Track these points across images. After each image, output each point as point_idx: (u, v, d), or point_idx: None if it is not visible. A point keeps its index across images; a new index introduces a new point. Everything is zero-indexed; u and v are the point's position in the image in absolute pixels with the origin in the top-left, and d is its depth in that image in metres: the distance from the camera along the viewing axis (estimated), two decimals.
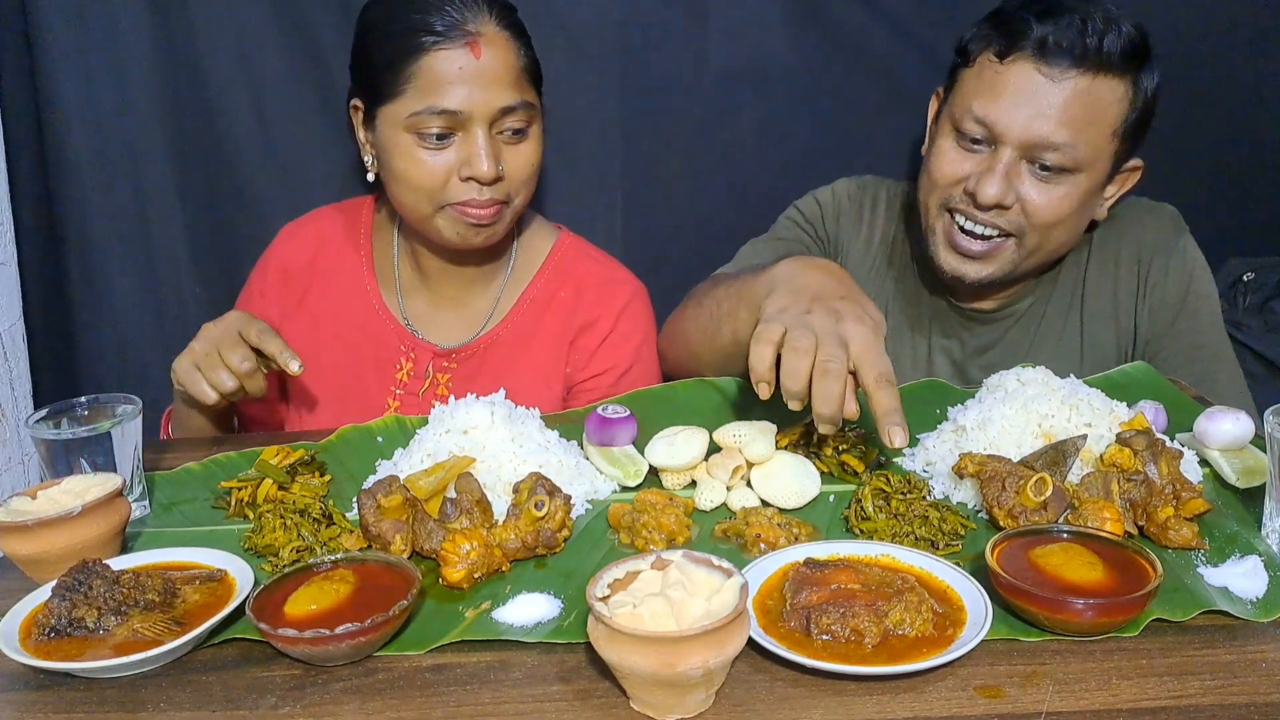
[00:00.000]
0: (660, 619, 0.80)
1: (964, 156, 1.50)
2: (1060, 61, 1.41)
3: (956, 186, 1.51)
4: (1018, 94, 1.44)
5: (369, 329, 1.63)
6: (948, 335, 1.68)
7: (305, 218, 1.71)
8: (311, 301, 1.64)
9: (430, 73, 1.39)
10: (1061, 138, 1.42)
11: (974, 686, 0.85)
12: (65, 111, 1.78)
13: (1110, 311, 1.63)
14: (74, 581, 0.93)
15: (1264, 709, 0.81)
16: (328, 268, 1.66)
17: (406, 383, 1.61)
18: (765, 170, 1.92)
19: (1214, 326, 1.63)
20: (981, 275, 1.53)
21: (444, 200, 1.45)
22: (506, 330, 1.62)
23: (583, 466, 1.22)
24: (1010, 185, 1.46)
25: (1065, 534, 1.00)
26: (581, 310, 1.62)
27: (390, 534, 1.03)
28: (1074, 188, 1.46)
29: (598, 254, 1.69)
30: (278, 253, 1.68)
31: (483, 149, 1.41)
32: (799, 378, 1.08)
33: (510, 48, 1.44)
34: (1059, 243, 1.53)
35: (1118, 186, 1.56)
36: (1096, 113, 1.43)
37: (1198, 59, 1.91)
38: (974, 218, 1.50)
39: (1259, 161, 1.99)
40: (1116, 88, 1.44)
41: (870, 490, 1.11)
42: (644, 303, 1.67)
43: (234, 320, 1.40)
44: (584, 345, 1.62)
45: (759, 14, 1.84)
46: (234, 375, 1.36)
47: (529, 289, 1.63)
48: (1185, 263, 1.61)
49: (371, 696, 0.86)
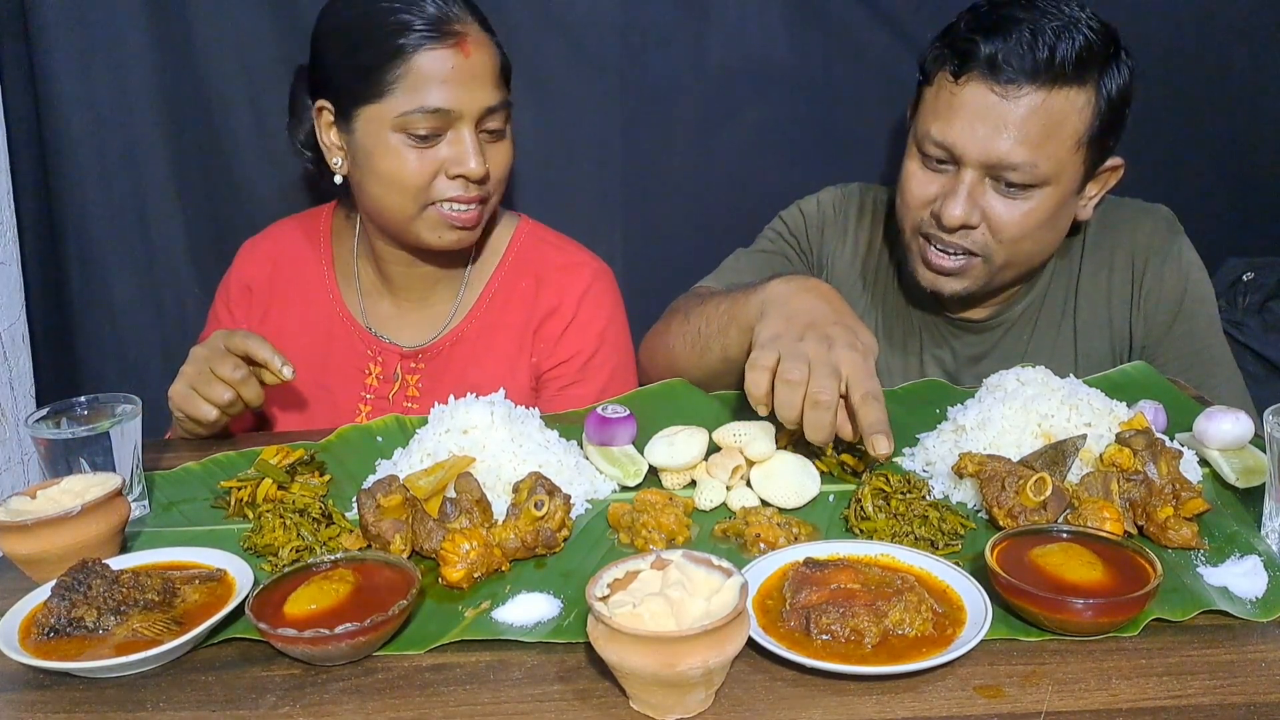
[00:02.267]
0: (660, 619, 0.80)
1: (930, 178, 1.49)
2: (1013, 79, 1.39)
3: (925, 209, 1.50)
4: (973, 115, 1.41)
5: (335, 337, 1.62)
6: (939, 344, 1.67)
7: (263, 233, 1.71)
8: (275, 315, 1.64)
9: (419, 72, 1.39)
10: (1020, 156, 1.40)
11: (974, 686, 0.85)
12: (65, 112, 1.78)
13: (1104, 317, 1.62)
14: (73, 581, 0.93)
15: (1264, 709, 0.81)
16: (290, 280, 1.65)
17: (376, 387, 1.60)
18: (765, 170, 1.92)
19: (1210, 329, 1.62)
20: (957, 289, 1.52)
21: (430, 198, 1.45)
22: (470, 326, 1.61)
23: (582, 466, 1.22)
24: (975, 205, 1.45)
25: (1065, 534, 1.00)
26: (543, 298, 1.61)
27: (390, 534, 1.03)
28: (1040, 201, 1.44)
29: (556, 238, 1.68)
30: (238, 271, 1.68)
31: (471, 147, 1.42)
32: (793, 408, 1.13)
33: (491, 47, 1.45)
34: (1029, 254, 1.51)
35: (1099, 185, 1.54)
36: (1055, 126, 1.40)
37: (1197, 59, 1.91)
38: (941, 241, 1.49)
39: (1259, 161, 1.99)
40: (1076, 98, 1.41)
41: (870, 490, 1.11)
42: (607, 283, 1.65)
43: (218, 336, 1.40)
44: (548, 333, 1.61)
45: (759, 14, 1.84)
46: (229, 386, 1.36)
47: (490, 282, 1.63)
48: (1180, 266, 1.59)
49: (371, 696, 0.86)
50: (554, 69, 1.84)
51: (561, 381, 1.61)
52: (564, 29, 1.82)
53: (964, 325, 1.65)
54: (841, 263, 1.71)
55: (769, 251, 1.71)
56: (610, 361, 1.62)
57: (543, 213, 1.76)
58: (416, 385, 1.60)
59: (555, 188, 1.91)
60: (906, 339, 1.68)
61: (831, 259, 1.72)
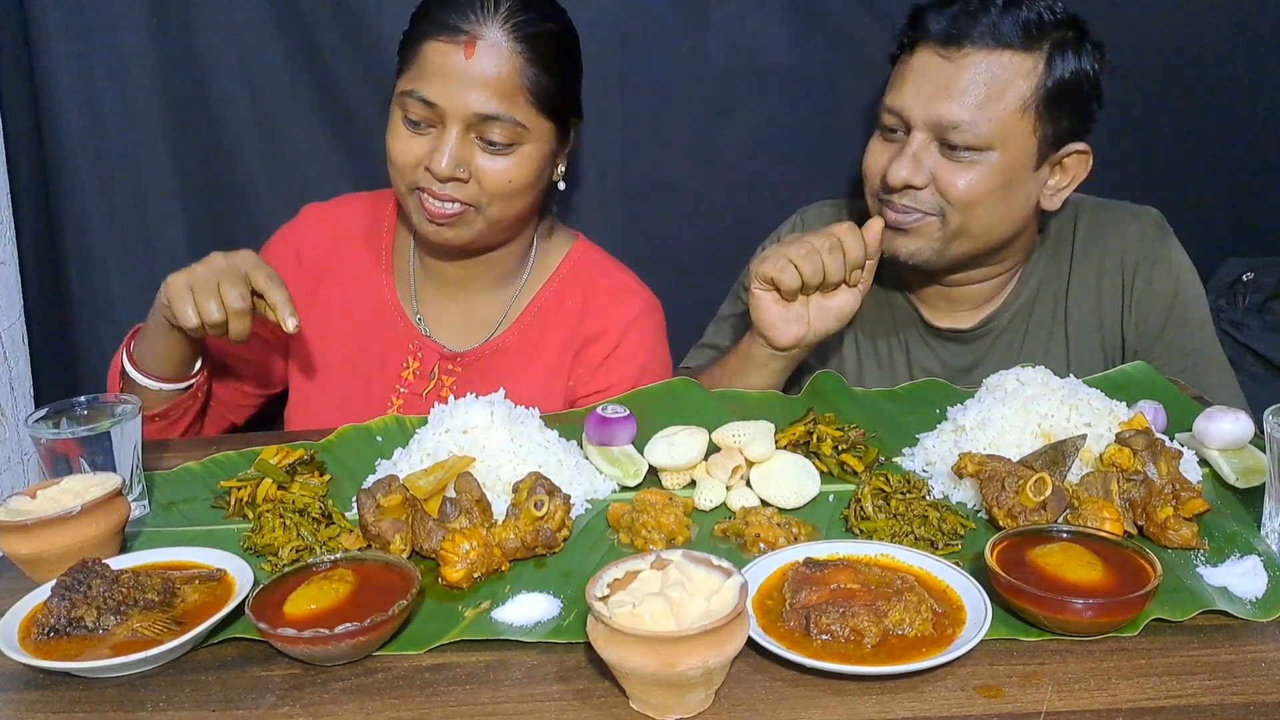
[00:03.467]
0: (660, 619, 0.80)
1: (884, 147, 1.53)
2: (957, 40, 1.44)
3: (878, 176, 1.53)
4: (920, 78, 1.46)
5: (380, 325, 1.61)
6: (927, 357, 1.66)
7: (332, 202, 1.69)
8: (325, 292, 1.62)
9: (425, 59, 1.41)
10: (962, 115, 1.43)
11: (973, 686, 0.85)
12: (65, 112, 1.78)
13: (1095, 322, 1.61)
14: (73, 581, 0.93)
15: (1264, 709, 0.81)
16: (345, 258, 1.64)
17: (411, 382, 1.60)
18: (765, 170, 1.92)
19: (1203, 329, 1.61)
20: (911, 251, 1.52)
21: (412, 182, 1.45)
22: (514, 337, 1.61)
23: (582, 466, 1.22)
24: (919, 165, 1.47)
25: (1065, 534, 1.00)
26: (588, 320, 1.60)
27: (390, 534, 1.03)
28: (988, 166, 1.45)
29: (611, 264, 1.66)
30: (297, 233, 1.66)
31: (447, 147, 1.41)
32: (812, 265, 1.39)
33: (512, 61, 1.41)
34: (986, 224, 1.50)
35: (1068, 175, 1.53)
36: (998, 88, 1.43)
37: (1197, 59, 1.90)
38: (891, 205, 1.51)
39: (1258, 161, 1.99)
40: (1021, 62, 1.43)
41: (870, 490, 1.11)
42: (655, 317, 1.63)
43: (244, 258, 1.37)
44: (589, 358, 1.59)
45: (759, 14, 1.84)
46: (224, 309, 1.32)
47: (538, 297, 1.62)
48: (1170, 268, 1.59)
49: (371, 696, 0.86)
50: None
51: None
52: None
53: (951, 336, 1.64)
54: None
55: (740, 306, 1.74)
56: None
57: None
58: (451, 387, 1.59)
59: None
60: (893, 352, 1.67)
61: None
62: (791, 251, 1.41)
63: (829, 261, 1.40)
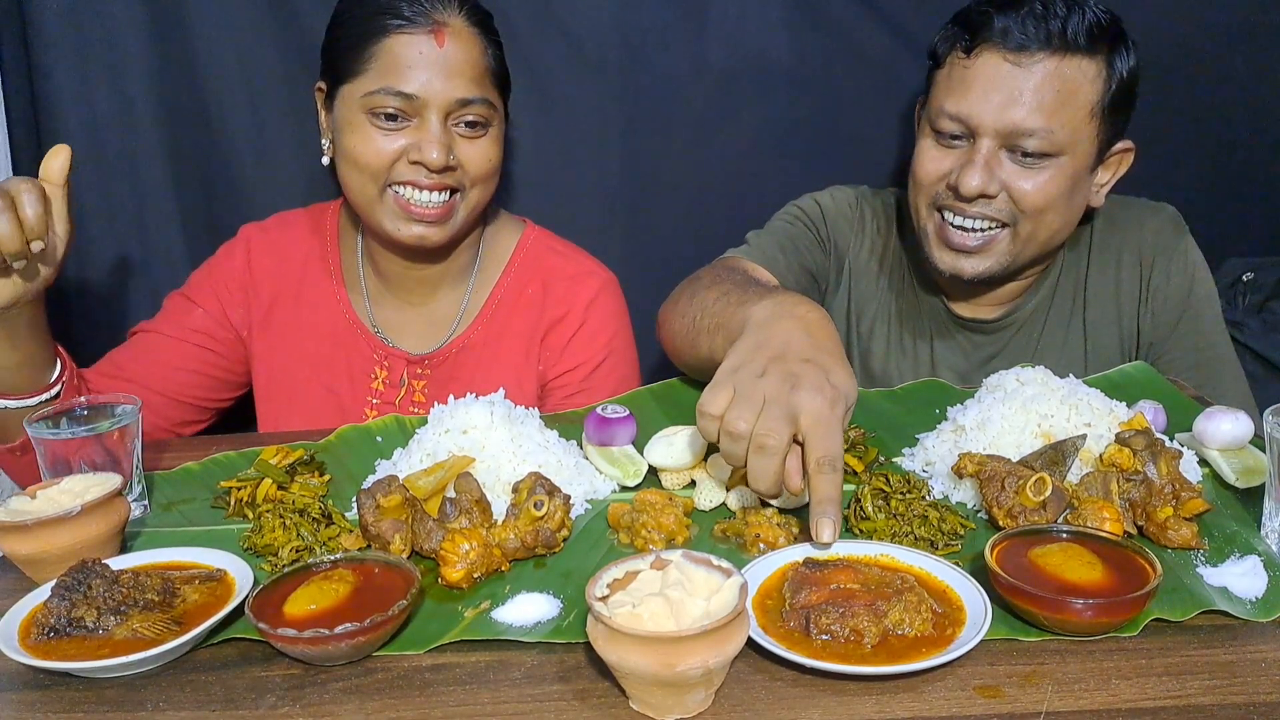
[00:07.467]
0: (659, 619, 0.80)
1: (944, 154, 1.51)
2: (1026, 46, 1.42)
3: (940, 183, 1.51)
4: (987, 84, 1.44)
5: (342, 339, 1.61)
6: (950, 347, 1.67)
7: (271, 221, 1.68)
8: (281, 313, 1.62)
9: (391, 54, 1.40)
10: (1037, 122, 1.42)
11: (973, 686, 0.85)
12: (63, 112, 1.78)
13: (1113, 315, 1.63)
14: (73, 581, 0.93)
15: (1264, 709, 0.81)
16: (296, 277, 1.63)
17: (383, 391, 1.60)
18: (765, 170, 1.92)
19: (1216, 327, 1.63)
20: (979, 270, 1.52)
21: (390, 179, 1.44)
22: (477, 333, 1.61)
23: (582, 466, 1.22)
24: (992, 174, 1.46)
25: (1065, 534, 1.00)
26: (550, 306, 1.61)
27: (389, 534, 1.03)
28: (1059, 171, 1.45)
29: (563, 246, 1.67)
30: (239, 254, 1.63)
31: (434, 136, 1.41)
32: (735, 459, 1.03)
33: (476, 44, 1.45)
34: (1053, 229, 1.51)
35: (1110, 172, 1.55)
36: (1069, 93, 1.43)
37: (1197, 59, 1.91)
38: (963, 212, 1.50)
39: (1259, 161, 1.99)
40: (1088, 67, 1.43)
41: (870, 490, 1.11)
42: (613, 294, 1.65)
43: (13, 181, 1.19)
44: (554, 342, 1.61)
45: (759, 14, 1.84)
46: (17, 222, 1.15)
47: (496, 289, 1.62)
48: (1187, 265, 1.61)
49: (371, 696, 0.86)
50: (554, 70, 1.84)
51: (566, 390, 1.61)
52: (564, 30, 1.82)
53: (975, 326, 1.65)
54: (859, 260, 1.72)
55: (789, 234, 1.67)
56: (616, 371, 1.62)
57: (542, 214, 1.76)
58: (423, 391, 1.59)
59: (555, 189, 1.91)
60: (918, 341, 1.69)
61: (845, 253, 1.72)
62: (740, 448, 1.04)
63: (754, 464, 1.02)
